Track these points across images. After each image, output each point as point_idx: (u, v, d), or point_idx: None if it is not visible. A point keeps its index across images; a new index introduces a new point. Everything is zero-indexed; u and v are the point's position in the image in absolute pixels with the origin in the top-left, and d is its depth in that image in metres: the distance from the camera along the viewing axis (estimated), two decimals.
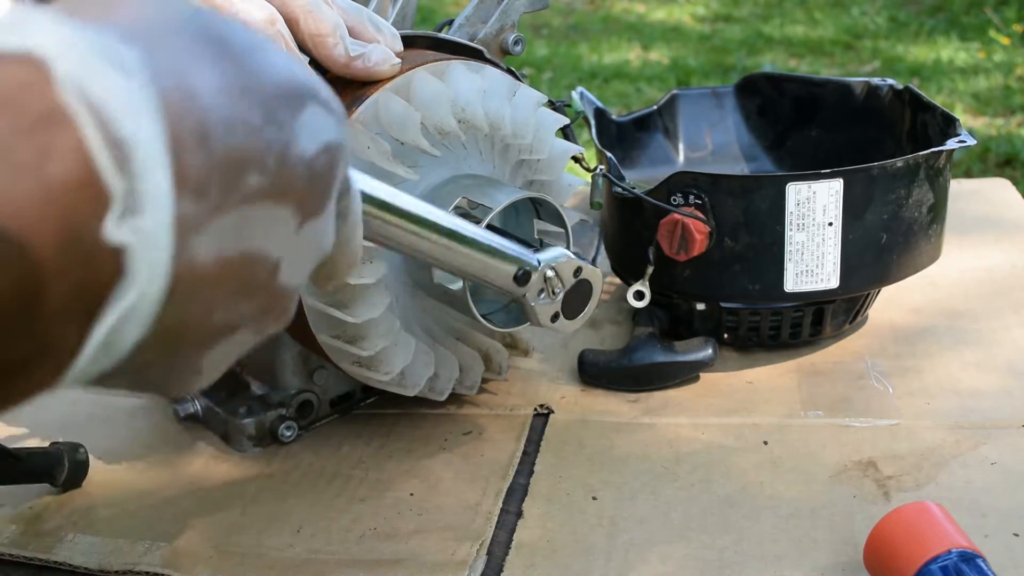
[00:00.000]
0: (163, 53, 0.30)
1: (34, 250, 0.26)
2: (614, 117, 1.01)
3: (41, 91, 0.27)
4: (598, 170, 0.80)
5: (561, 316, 0.65)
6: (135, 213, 0.28)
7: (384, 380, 0.68)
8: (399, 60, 0.65)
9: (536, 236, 0.71)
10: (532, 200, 0.68)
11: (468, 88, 0.66)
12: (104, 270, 0.28)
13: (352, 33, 0.64)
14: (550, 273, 0.63)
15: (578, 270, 0.65)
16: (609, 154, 0.83)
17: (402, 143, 0.64)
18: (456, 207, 0.65)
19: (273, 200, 0.33)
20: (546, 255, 0.64)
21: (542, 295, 0.64)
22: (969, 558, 0.54)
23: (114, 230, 0.28)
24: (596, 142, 0.89)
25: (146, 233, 0.29)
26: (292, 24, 0.62)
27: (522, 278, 0.62)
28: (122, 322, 0.30)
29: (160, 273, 0.30)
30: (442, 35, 0.71)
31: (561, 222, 0.69)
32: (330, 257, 0.40)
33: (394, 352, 0.68)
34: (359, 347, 0.66)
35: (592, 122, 0.95)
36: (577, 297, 0.66)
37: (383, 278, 0.65)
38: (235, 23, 0.34)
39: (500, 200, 0.64)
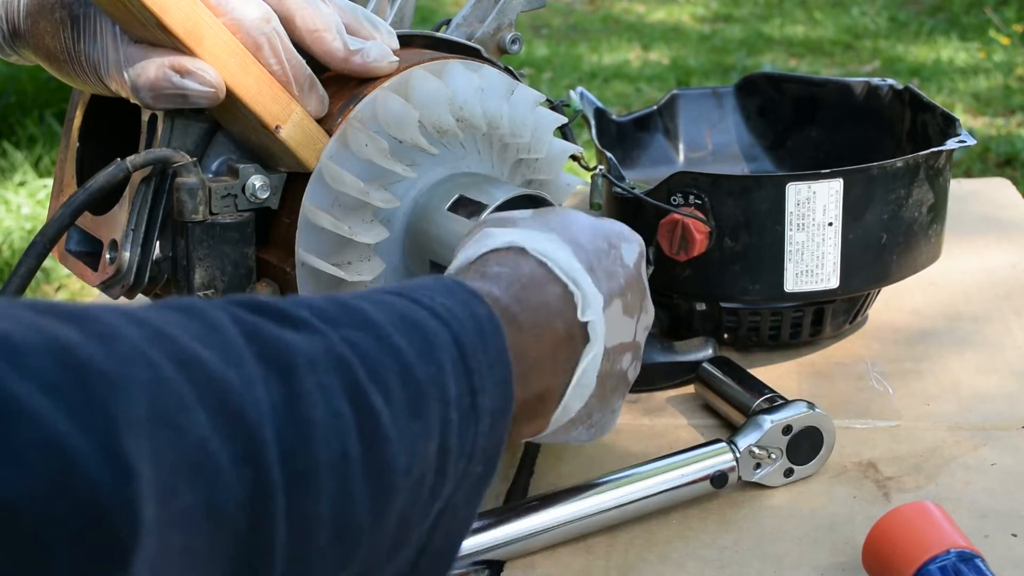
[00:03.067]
0: (556, 231, 0.55)
1: (556, 328, 0.52)
2: (614, 117, 1.00)
3: (527, 255, 0.53)
4: (597, 170, 0.79)
5: (795, 468, 0.68)
6: (589, 306, 0.52)
7: None
8: (397, 57, 0.64)
9: None
10: (530, 199, 0.68)
11: (466, 87, 0.66)
12: (580, 339, 0.53)
13: (349, 31, 0.64)
14: (757, 451, 0.66)
15: (787, 428, 0.67)
16: (609, 154, 0.83)
17: (400, 141, 0.64)
18: (452, 204, 0.65)
19: (623, 298, 0.56)
20: (745, 437, 0.66)
21: (760, 469, 0.66)
22: (968, 558, 0.54)
23: (582, 316, 0.52)
24: (596, 142, 0.89)
25: (596, 314, 0.53)
26: (288, 22, 0.62)
27: (718, 479, 0.65)
28: (587, 369, 0.53)
29: (601, 336, 0.53)
30: (439, 34, 0.71)
31: None
32: None
33: None
34: None
35: (592, 122, 0.94)
36: (807, 442, 0.68)
37: (381, 275, 0.65)
38: (573, 212, 0.58)
39: (497, 197, 0.64)
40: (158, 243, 0.62)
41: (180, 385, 0.31)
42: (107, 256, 0.63)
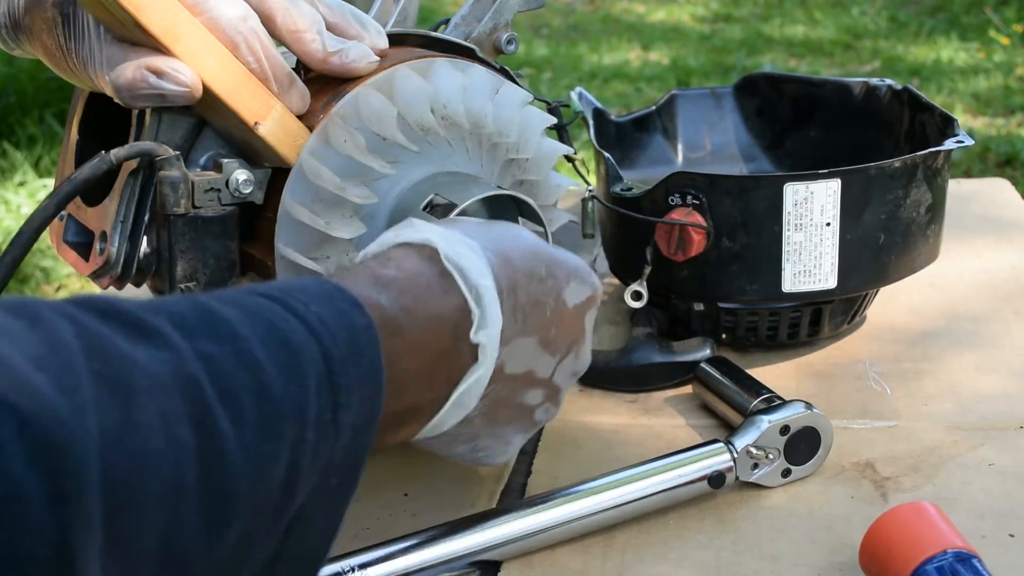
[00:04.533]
0: (490, 241, 0.53)
1: (441, 342, 0.50)
2: (613, 117, 1.00)
3: (435, 260, 0.51)
4: (587, 193, 0.79)
5: (793, 469, 0.68)
6: (485, 327, 0.50)
7: None
8: (378, 58, 0.65)
9: None
10: (511, 199, 0.68)
11: (449, 85, 0.66)
12: (468, 356, 0.51)
13: (335, 30, 0.64)
14: (755, 451, 0.66)
15: (785, 428, 0.67)
16: (607, 155, 0.83)
17: (383, 138, 0.64)
18: (428, 203, 0.65)
19: (544, 331, 0.54)
20: (743, 438, 0.66)
21: (757, 469, 0.66)
22: (965, 558, 0.54)
23: (475, 335, 0.50)
24: (594, 143, 0.89)
25: (490, 338, 0.51)
26: (269, 21, 0.62)
27: (716, 480, 0.65)
28: (470, 389, 0.51)
29: (491, 362, 0.51)
30: (434, 33, 0.71)
31: (541, 222, 0.69)
32: None
33: None
34: None
35: (591, 123, 0.94)
36: (804, 443, 0.68)
37: None
38: (524, 231, 0.57)
39: (471, 195, 0.64)
40: (147, 235, 0.63)
41: (1, 418, 0.30)
42: (97, 247, 0.64)
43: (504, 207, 0.70)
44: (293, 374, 0.40)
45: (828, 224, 0.76)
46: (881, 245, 0.78)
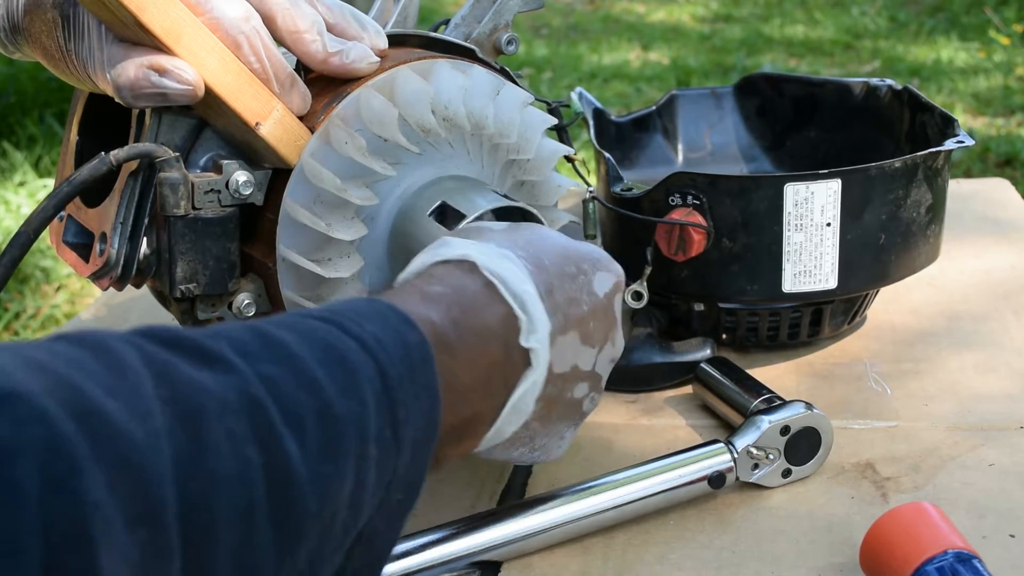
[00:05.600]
0: (521, 247, 0.54)
1: (493, 352, 0.50)
2: (613, 118, 1.00)
3: (476, 273, 0.52)
4: (587, 194, 0.79)
5: (793, 469, 0.68)
6: (533, 331, 0.52)
7: None
8: (378, 58, 0.65)
9: None
10: (517, 211, 0.68)
11: (450, 86, 0.66)
12: (520, 362, 0.52)
13: (335, 30, 0.64)
14: (755, 451, 0.66)
15: (785, 429, 0.67)
16: (607, 155, 0.83)
17: (384, 140, 0.64)
18: (434, 211, 0.65)
19: (583, 326, 0.55)
20: (743, 438, 0.66)
21: (757, 469, 0.66)
22: (965, 559, 0.54)
23: (525, 341, 0.51)
24: (595, 143, 0.89)
25: (540, 342, 0.52)
26: (270, 22, 0.62)
27: (716, 480, 0.65)
28: (526, 394, 0.52)
29: (543, 365, 0.52)
30: (434, 34, 0.71)
31: None
32: None
33: None
34: None
35: (591, 123, 0.94)
36: (805, 443, 0.68)
37: (359, 272, 0.65)
38: (548, 231, 0.58)
39: (479, 206, 0.64)
40: (147, 236, 0.63)
41: (77, 443, 0.31)
42: (97, 248, 0.64)
43: (507, 212, 0.70)
44: (352, 392, 0.41)
45: (828, 224, 0.76)
46: (881, 245, 0.78)
